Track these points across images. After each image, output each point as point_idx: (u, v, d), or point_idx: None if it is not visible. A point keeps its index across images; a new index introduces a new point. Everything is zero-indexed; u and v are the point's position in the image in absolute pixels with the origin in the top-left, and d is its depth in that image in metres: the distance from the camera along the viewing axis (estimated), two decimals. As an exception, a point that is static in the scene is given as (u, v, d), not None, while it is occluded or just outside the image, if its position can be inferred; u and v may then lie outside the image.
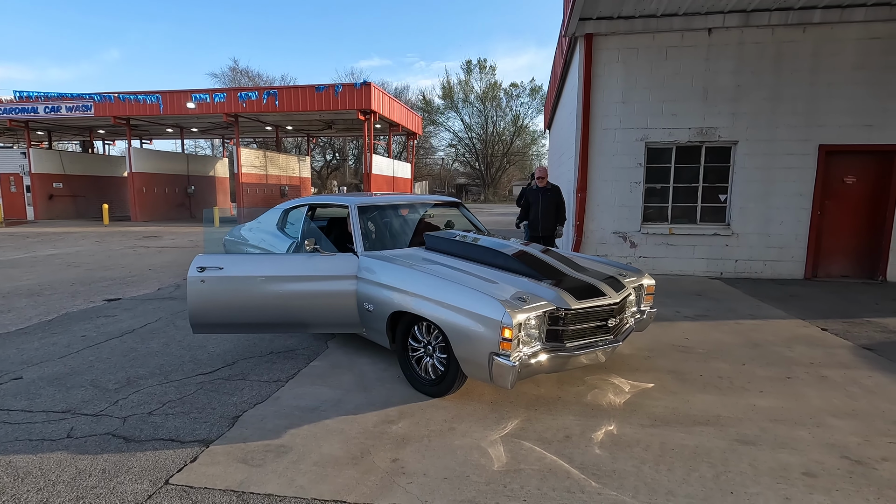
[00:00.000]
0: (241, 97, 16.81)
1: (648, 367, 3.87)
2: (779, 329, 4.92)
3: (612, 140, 7.77)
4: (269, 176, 21.19)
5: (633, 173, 7.78)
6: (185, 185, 23.19)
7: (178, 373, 3.76)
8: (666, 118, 7.59)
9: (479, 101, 48.77)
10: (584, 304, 3.05)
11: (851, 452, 2.62)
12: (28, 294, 6.60)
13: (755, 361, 4.01)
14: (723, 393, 3.39)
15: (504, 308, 2.75)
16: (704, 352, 4.25)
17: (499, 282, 3.20)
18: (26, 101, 18.87)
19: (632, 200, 7.84)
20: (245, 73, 45.51)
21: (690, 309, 5.70)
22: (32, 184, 20.66)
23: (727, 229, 7.67)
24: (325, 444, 2.70)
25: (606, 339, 3.22)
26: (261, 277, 3.67)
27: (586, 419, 2.99)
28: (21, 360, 4.05)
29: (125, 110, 18.24)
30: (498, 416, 3.04)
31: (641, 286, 3.86)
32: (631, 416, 3.04)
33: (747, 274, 7.67)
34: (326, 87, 16.70)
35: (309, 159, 26.00)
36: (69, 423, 2.96)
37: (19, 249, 11.42)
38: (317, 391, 3.41)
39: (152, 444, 2.71)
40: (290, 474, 2.41)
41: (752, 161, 7.47)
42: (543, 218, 6.62)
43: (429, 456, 2.59)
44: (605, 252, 7.96)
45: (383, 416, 3.04)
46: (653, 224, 7.91)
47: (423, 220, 4.90)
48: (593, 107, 7.74)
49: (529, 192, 6.71)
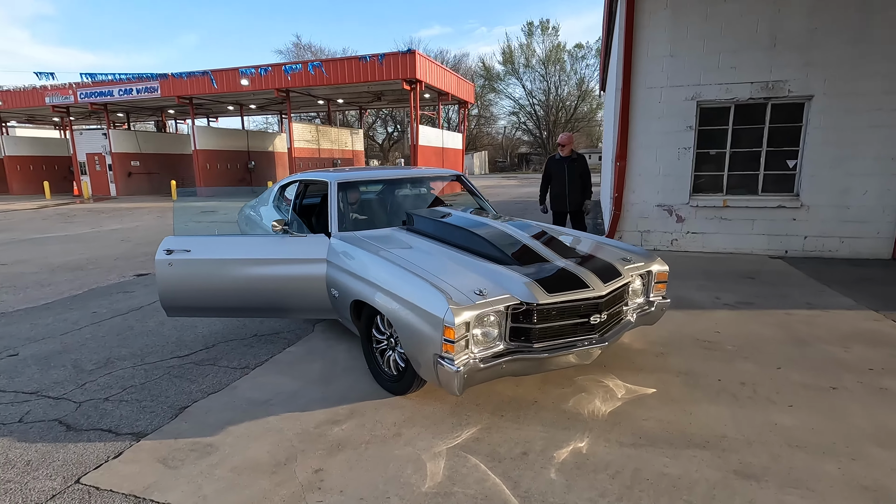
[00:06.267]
0: (286, 70, 16.94)
1: (657, 366, 3.32)
2: (839, 322, 4.10)
3: (658, 100, 6.85)
4: (322, 150, 21.48)
5: (682, 138, 6.85)
6: (245, 160, 24.14)
7: (156, 355, 3.73)
8: (723, 72, 6.54)
9: (542, 66, 46.52)
10: (556, 299, 2.57)
11: (893, 502, 2.02)
12: (73, 268, 7.02)
13: (795, 364, 3.32)
14: (739, 404, 2.80)
15: (447, 304, 2.35)
16: (733, 349, 3.60)
17: (466, 270, 2.79)
18: (102, 84, 20.24)
19: (679, 169, 6.94)
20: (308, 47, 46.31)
21: (733, 294, 4.93)
22: (113, 162, 22.38)
23: (795, 200, 6.60)
24: (255, 446, 2.49)
25: (589, 338, 2.73)
26: (229, 260, 3.50)
27: (556, 431, 2.56)
28: (27, 336, 4.22)
29: (185, 89, 19.05)
30: (456, 421, 2.68)
31: (650, 273, 3.27)
32: (612, 430, 2.57)
33: (818, 252, 6.59)
34: (371, 57, 16.39)
35: (362, 132, 26.07)
36: (29, 406, 2.98)
37: (89, 224, 12.36)
38: (277, 381, 3.22)
39: (88, 434, 2.64)
40: (200, 480, 2.23)
41: (829, 119, 6.29)
42: (571, 191, 6.01)
43: (357, 468, 2.30)
44: (647, 227, 7.17)
45: (331, 415, 2.78)
46: (704, 195, 6.97)
47: (420, 196, 4.52)
48: (636, 63, 6.83)
49: (552, 164, 6.14)
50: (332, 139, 22.41)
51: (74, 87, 20.75)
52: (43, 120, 28.58)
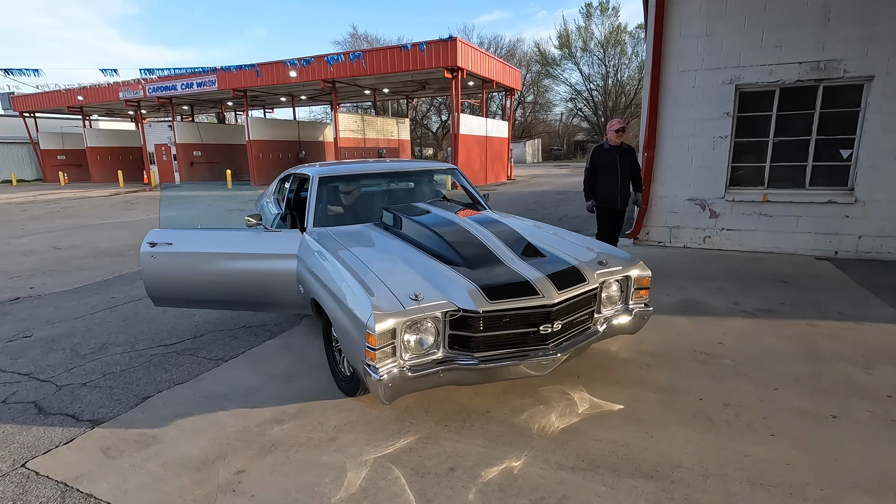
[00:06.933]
0: (328, 61, 17.23)
1: (636, 379, 3.05)
2: (870, 337, 3.60)
3: (691, 85, 6.30)
4: (367, 139, 21.78)
5: (718, 125, 6.27)
6: (296, 150, 24.98)
7: (146, 342, 3.91)
8: (767, 51, 5.90)
9: (600, 48, 44.47)
10: (497, 306, 2.39)
11: (854, 560, 1.71)
12: (114, 254, 7.53)
13: (799, 385, 2.94)
14: (712, 429, 2.51)
15: (371, 309, 2.25)
16: (732, 364, 3.24)
17: (412, 272, 2.67)
18: (166, 79, 21.57)
19: (714, 160, 6.37)
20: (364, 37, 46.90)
21: (755, 300, 4.46)
22: (177, 153, 23.90)
23: (849, 195, 5.88)
24: (195, 442, 2.52)
25: (541, 349, 2.53)
26: (207, 254, 3.57)
27: (495, 447, 2.40)
28: (47, 318, 4.56)
29: (238, 82, 19.91)
30: (398, 428, 2.59)
31: (628, 279, 2.99)
32: (556, 450, 2.37)
33: (875, 254, 5.85)
34: (412, 46, 16.32)
35: (408, 121, 26.17)
36: (17, 387, 3.19)
37: (146, 212, 13.26)
38: (241, 376, 3.26)
39: (53, 418, 2.79)
40: (129, 474, 2.28)
41: (893, 103, 5.52)
42: (623, 188, 5.04)
43: (279, 472, 2.27)
44: (677, 223, 6.67)
45: (278, 413, 2.77)
46: (741, 189, 6.37)
47: (410, 190, 4.41)
48: (667, 44, 6.31)
49: (601, 154, 5.08)
50: (377, 129, 22.67)
51: (143, 82, 22.25)
52: (120, 113, 30.94)
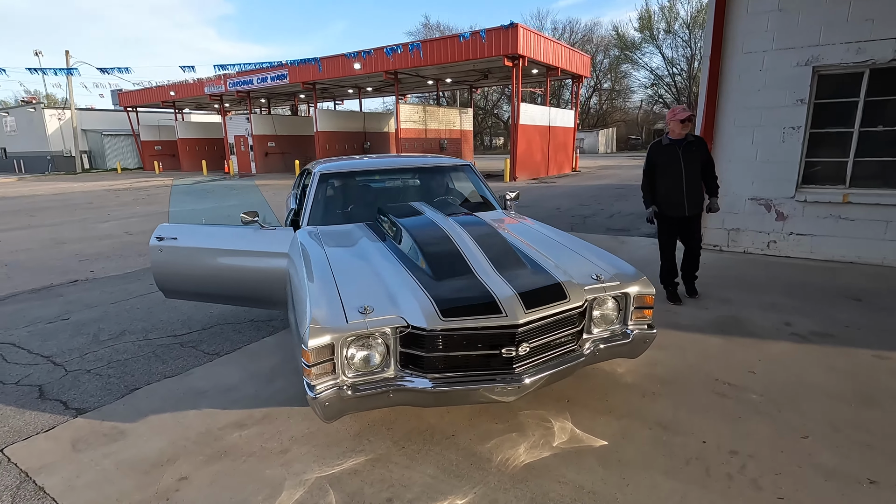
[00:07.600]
0: (387, 52, 17.32)
1: (633, 410, 2.68)
2: (952, 379, 2.92)
3: (758, 68, 5.53)
4: (429, 130, 21.78)
5: (790, 114, 5.46)
6: (361, 140, 25.57)
7: (160, 331, 4.07)
8: (853, 27, 5.01)
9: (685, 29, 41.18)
10: (450, 325, 2.15)
11: None
12: (172, 241, 8.05)
13: (836, 434, 2.42)
14: (705, 483, 2.11)
15: (308, 322, 2.10)
16: (758, 399, 2.76)
17: (374, 280, 2.49)
18: (245, 73, 22.85)
19: (784, 154, 5.56)
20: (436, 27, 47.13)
21: (814, 320, 3.82)
22: (254, 144, 25.35)
23: (955, 198, 4.89)
24: (156, 441, 2.54)
25: (507, 374, 2.26)
26: (207, 250, 3.62)
27: (445, 479, 2.18)
28: (88, 302, 4.91)
29: (307, 76, 20.64)
30: (352, 445, 2.45)
31: (626, 296, 2.61)
32: (511, 489, 2.11)
33: None
34: (472, 34, 15.99)
35: (471, 111, 25.84)
36: (33, 370, 3.43)
37: (216, 200, 14.16)
38: (227, 373, 3.27)
39: (49, 404, 2.94)
40: (84, 469, 2.32)
41: None
42: (690, 190, 4.14)
43: (219, 483, 2.21)
44: (736, 225, 5.93)
45: (244, 417, 2.73)
46: (816, 188, 5.52)
47: (417, 187, 4.23)
48: (730, 22, 5.57)
49: (657, 152, 4.27)
50: (439, 119, 22.60)
51: (224, 77, 23.77)
52: (208, 107, 33.37)
